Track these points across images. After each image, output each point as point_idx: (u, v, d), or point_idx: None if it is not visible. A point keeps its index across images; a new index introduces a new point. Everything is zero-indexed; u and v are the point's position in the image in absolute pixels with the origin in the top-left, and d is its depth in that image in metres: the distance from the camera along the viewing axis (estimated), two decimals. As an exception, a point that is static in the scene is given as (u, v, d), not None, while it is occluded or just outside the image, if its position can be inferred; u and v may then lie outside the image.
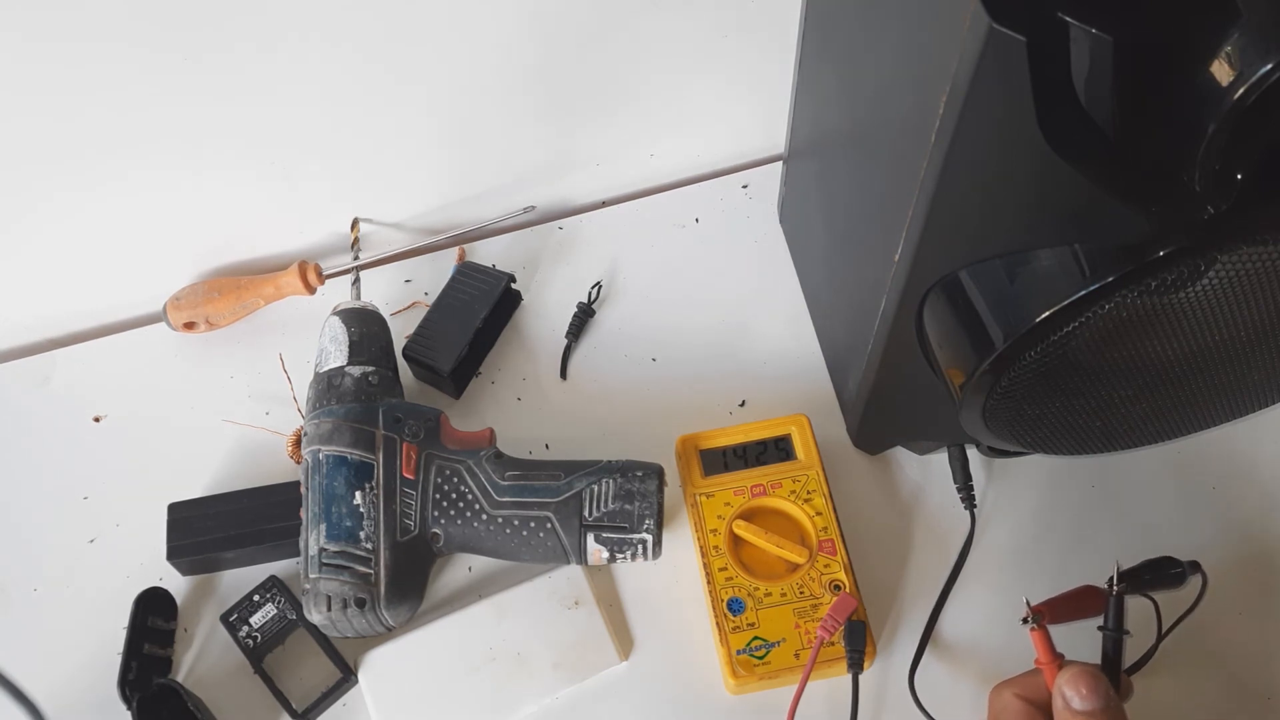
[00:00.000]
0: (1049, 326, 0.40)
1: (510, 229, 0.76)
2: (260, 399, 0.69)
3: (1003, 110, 0.36)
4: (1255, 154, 0.34)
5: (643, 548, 0.58)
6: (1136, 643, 0.52)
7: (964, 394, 0.46)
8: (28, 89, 0.58)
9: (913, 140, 0.41)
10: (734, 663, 0.56)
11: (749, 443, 0.63)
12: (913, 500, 0.63)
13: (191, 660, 0.61)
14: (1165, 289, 0.38)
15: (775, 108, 0.68)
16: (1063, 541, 0.61)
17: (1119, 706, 0.45)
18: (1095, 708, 0.44)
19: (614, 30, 0.67)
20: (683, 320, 0.71)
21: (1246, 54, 0.31)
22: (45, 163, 0.62)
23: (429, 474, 0.59)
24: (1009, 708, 0.48)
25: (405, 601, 0.58)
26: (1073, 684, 0.45)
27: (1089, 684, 0.44)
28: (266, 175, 0.68)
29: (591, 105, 0.72)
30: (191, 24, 0.57)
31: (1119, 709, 0.45)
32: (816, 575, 0.58)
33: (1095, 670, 0.45)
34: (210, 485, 0.66)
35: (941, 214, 0.42)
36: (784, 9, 0.60)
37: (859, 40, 0.50)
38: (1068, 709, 0.44)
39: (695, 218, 0.76)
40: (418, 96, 0.67)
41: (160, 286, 0.72)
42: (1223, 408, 0.47)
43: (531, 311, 0.73)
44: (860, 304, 0.55)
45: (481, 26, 0.64)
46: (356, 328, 0.62)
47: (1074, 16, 0.33)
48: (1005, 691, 0.48)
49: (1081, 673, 0.45)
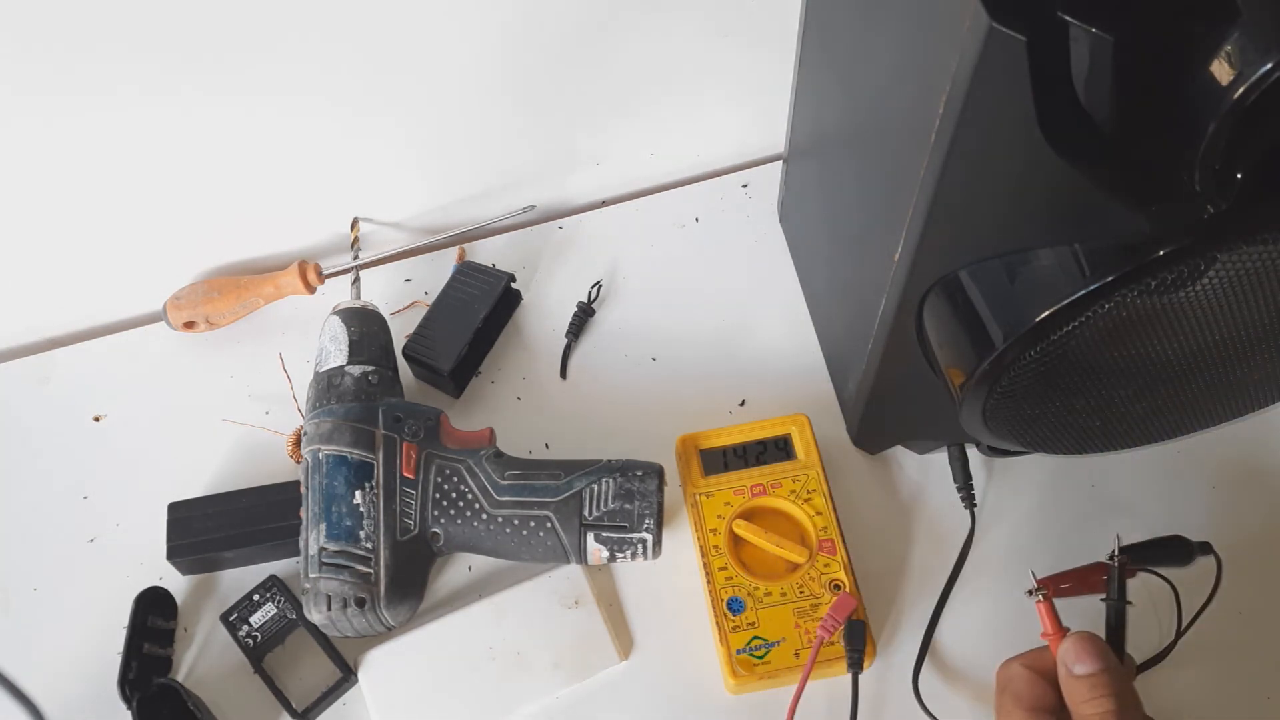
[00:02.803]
0: (1049, 326, 0.40)
1: (510, 229, 0.76)
2: (260, 399, 0.69)
3: (1003, 110, 0.36)
4: (1255, 154, 0.34)
5: (643, 547, 0.58)
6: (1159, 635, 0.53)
7: (964, 394, 0.46)
8: (27, 89, 0.58)
9: (913, 140, 0.41)
10: (734, 662, 0.56)
11: (749, 442, 0.63)
12: (913, 500, 0.63)
13: (191, 660, 0.61)
14: (1165, 288, 0.38)
15: (775, 108, 0.68)
16: (1063, 541, 0.61)
17: (1119, 669, 0.45)
18: (1095, 669, 0.44)
19: (614, 30, 0.67)
20: (683, 320, 0.71)
21: (1246, 54, 0.31)
22: (45, 163, 0.62)
23: (429, 473, 0.59)
24: (1018, 677, 0.48)
25: (405, 601, 0.58)
26: (1073, 650, 0.45)
27: (1088, 649, 0.45)
28: (266, 175, 0.68)
29: (591, 105, 0.72)
30: (191, 24, 0.57)
31: (1119, 671, 0.45)
32: (816, 575, 0.58)
33: (1093, 636, 0.46)
34: (210, 485, 0.66)
35: (941, 214, 0.42)
36: (784, 9, 0.60)
37: (859, 40, 0.50)
38: (1070, 676, 0.45)
39: (695, 218, 0.76)
40: (418, 96, 0.67)
41: (160, 286, 0.72)
42: (1223, 407, 0.47)
43: (531, 311, 0.73)
44: (860, 304, 0.55)
45: (482, 26, 0.64)
46: (356, 327, 0.62)
47: (1074, 16, 0.33)
48: (1013, 663, 0.49)
49: (1080, 638, 0.46)
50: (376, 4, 0.60)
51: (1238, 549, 0.56)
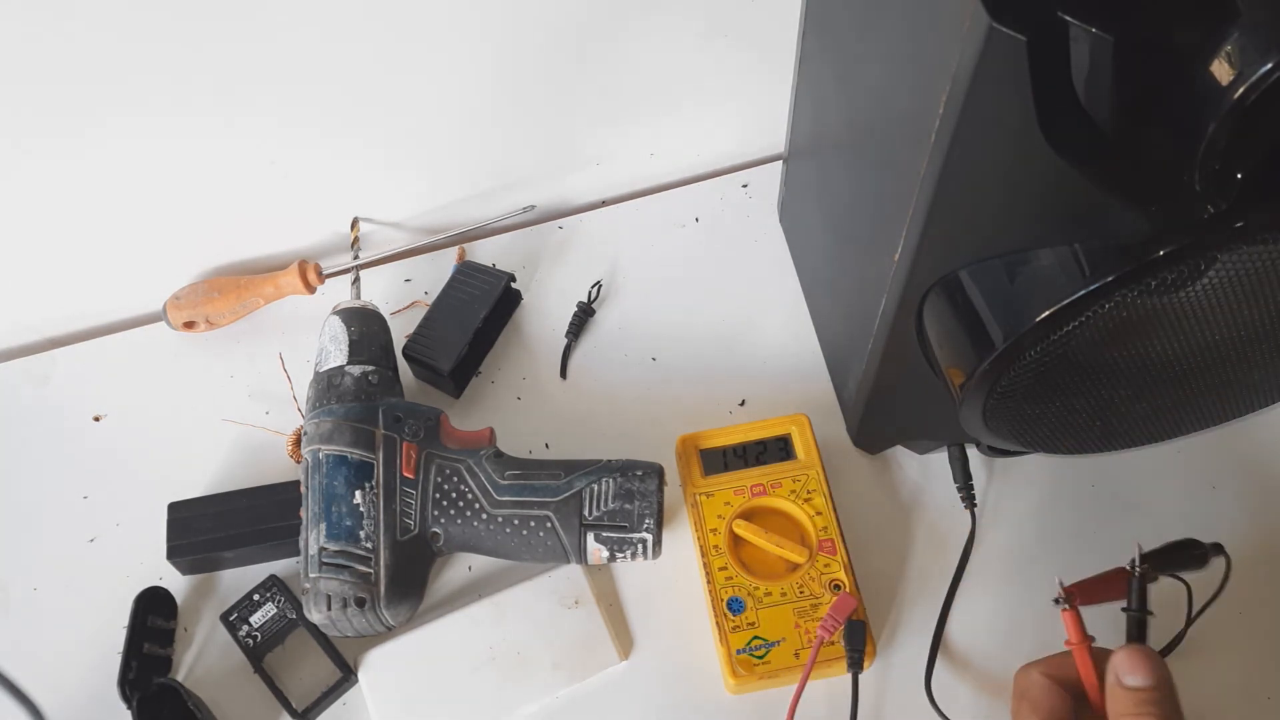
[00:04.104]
0: (1049, 326, 0.40)
1: (510, 228, 0.76)
2: (260, 398, 0.69)
3: (1003, 110, 0.36)
4: (1255, 154, 0.34)
5: (643, 547, 0.58)
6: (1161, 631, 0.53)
7: (964, 394, 0.46)
8: (27, 88, 0.58)
9: (913, 140, 0.41)
10: (734, 662, 0.56)
11: (749, 442, 0.63)
12: (913, 500, 0.63)
13: (191, 660, 0.61)
14: (1165, 288, 0.38)
15: (775, 107, 0.68)
16: (1063, 540, 0.61)
17: (1171, 687, 0.44)
18: (1147, 684, 0.43)
19: (614, 29, 0.67)
20: (683, 320, 0.71)
21: (1246, 54, 0.31)
22: (45, 162, 0.62)
23: (429, 473, 0.59)
24: (1036, 684, 0.47)
25: (405, 601, 0.58)
26: (1127, 661, 0.44)
27: (1144, 662, 0.44)
28: (266, 175, 0.68)
29: (591, 104, 0.72)
30: (191, 23, 0.57)
31: (1170, 690, 0.44)
32: (816, 575, 0.58)
33: (1149, 650, 0.45)
34: (210, 485, 0.66)
35: (941, 214, 0.42)
36: (784, 9, 0.60)
37: (859, 40, 0.50)
38: (1120, 686, 0.44)
39: (695, 217, 0.76)
40: (418, 96, 0.67)
41: (160, 286, 0.72)
42: (1223, 407, 0.47)
43: (531, 311, 0.73)
44: (860, 304, 0.55)
45: (482, 25, 0.64)
46: (356, 327, 0.62)
47: (1074, 16, 0.33)
48: (1032, 670, 0.48)
49: (1135, 650, 0.44)
50: (377, 4, 0.60)
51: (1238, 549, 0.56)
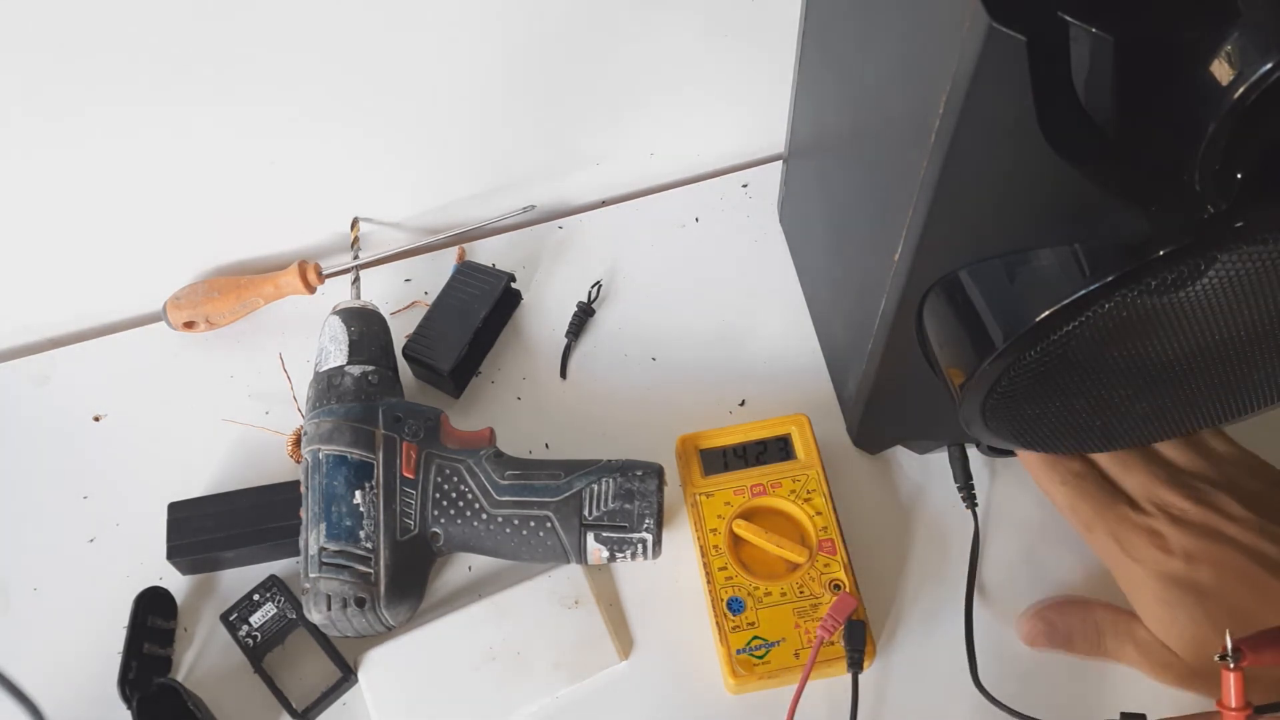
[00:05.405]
0: (1049, 326, 0.40)
1: (510, 229, 0.76)
2: (260, 398, 0.69)
3: (1003, 110, 0.36)
4: (1255, 154, 0.34)
5: (643, 547, 0.58)
6: None
7: (964, 394, 0.46)
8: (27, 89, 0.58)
9: (913, 140, 0.41)
10: (734, 662, 0.56)
11: (749, 442, 0.63)
12: (913, 500, 0.63)
13: (191, 660, 0.61)
14: (1165, 288, 0.38)
15: (775, 107, 0.68)
16: (1064, 540, 0.61)
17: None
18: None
19: (614, 29, 0.67)
20: (683, 320, 0.71)
21: (1246, 53, 0.31)
22: (45, 162, 0.62)
23: (429, 473, 0.59)
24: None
25: (405, 601, 0.58)
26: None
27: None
28: (267, 175, 0.68)
29: (591, 104, 0.72)
30: (192, 23, 0.57)
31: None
32: (816, 575, 0.58)
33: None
34: (210, 485, 0.66)
35: (941, 214, 0.42)
36: (784, 8, 0.60)
37: (859, 40, 0.50)
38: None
39: (695, 217, 0.76)
40: (418, 95, 0.67)
41: (160, 286, 0.72)
42: (1223, 408, 0.47)
43: (531, 311, 0.73)
44: (860, 304, 0.55)
45: (481, 25, 0.64)
46: (356, 327, 0.62)
47: (1074, 16, 0.33)
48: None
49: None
50: (377, 4, 0.60)
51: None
